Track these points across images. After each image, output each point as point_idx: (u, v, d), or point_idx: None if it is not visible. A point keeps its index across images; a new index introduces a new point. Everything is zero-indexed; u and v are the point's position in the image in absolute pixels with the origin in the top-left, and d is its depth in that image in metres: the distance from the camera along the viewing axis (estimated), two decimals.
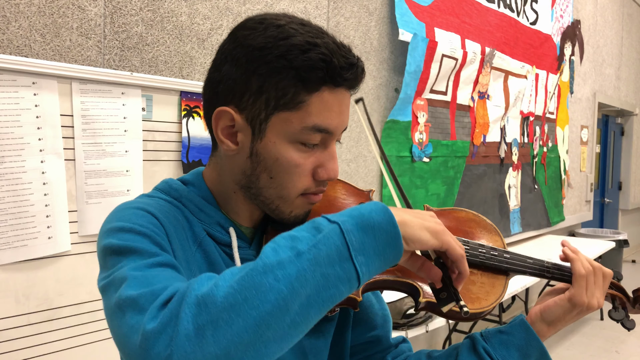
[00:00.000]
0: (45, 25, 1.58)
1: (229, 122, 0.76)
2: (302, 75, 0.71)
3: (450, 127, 3.40)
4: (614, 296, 1.00)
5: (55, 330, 1.53)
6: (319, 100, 0.73)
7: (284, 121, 0.73)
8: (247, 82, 0.73)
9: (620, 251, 5.74)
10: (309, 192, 0.78)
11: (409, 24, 2.95)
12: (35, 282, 1.49)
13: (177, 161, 1.84)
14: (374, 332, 0.96)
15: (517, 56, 4.11)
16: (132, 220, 0.70)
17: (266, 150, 0.75)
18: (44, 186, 1.49)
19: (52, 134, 1.51)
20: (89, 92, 1.59)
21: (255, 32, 0.74)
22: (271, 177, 0.76)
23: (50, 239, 1.51)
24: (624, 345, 4.41)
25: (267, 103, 0.73)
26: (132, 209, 0.73)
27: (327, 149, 0.78)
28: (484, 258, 0.89)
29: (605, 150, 7.51)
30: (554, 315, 0.89)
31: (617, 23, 6.63)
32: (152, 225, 0.71)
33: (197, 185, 0.82)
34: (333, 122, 0.75)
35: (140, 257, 0.66)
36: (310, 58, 0.71)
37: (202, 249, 0.78)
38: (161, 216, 0.73)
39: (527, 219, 4.44)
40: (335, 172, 0.78)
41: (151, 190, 0.83)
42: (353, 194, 0.93)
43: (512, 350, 0.88)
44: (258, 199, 0.79)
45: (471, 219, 0.97)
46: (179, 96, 1.84)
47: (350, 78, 0.74)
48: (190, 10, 1.95)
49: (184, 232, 0.76)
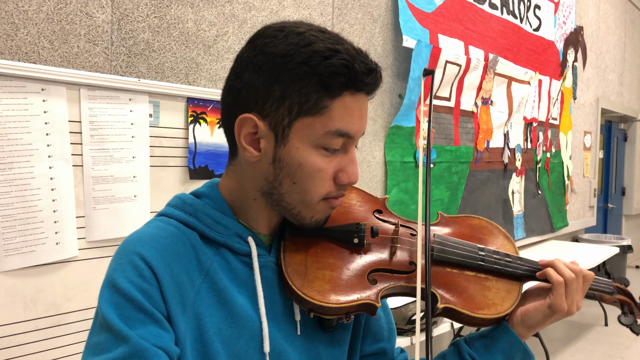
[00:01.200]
0: (53, 31, 1.59)
1: (251, 129, 0.76)
2: (325, 81, 0.72)
3: (454, 133, 3.41)
4: (623, 302, 1.00)
5: (63, 335, 1.54)
6: (341, 105, 0.74)
7: (307, 126, 0.74)
8: (270, 88, 0.74)
9: (624, 257, 5.73)
10: (330, 196, 0.79)
11: (412, 30, 2.96)
12: (43, 288, 1.50)
13: (184, 167, 1.85)
14: (380, 344, 0.97)
15: (521, 62, 4.12)
16: (126, 275, 0.71)
17: (289, 156, 0.75)
18: (52, 192, 1.50)
19: (61, 140, 1.52)
20: (96, 98, 1.60)
21: (276, 39, 0.74)
22: (294, 182, 0.77)
23: (58, 245, 1.51)
24: (629, 351, 4.39)
25: (291, 109, 0.74)
26: (133, 254, 0.73)
27: (348, 153, 0.79)
28: (499, 265, 0.90)
29: (609, 155, 7.50)
30: (533, 320, 0.90)
31: (619, 29, 6.64)
32: (143, 281, 0.71)
33: (213, 198, 0.82)
34: (354, 127, 0.76)
35: (110, 344, 0.68)
36: (332, 64, 0.72)
37: (209, 277, 0.77)
38: (159, 261, 0.73)
39: (530, 225, 4.44)
40: (356, 176, 0.79)
41: (164, 207, 0.83)
42: (368, 201, 0.95)
43: (496, 354, 0.90)
44: (280, 204, 0.80)
45: (484, 226, 0.98)
46: (186, 102, 1.85)
47: (370, 83, 0.75)
48: (196, 17, 1.97)
49: (187, 267, 0.76)
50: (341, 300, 0.78)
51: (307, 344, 0.84)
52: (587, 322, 5.16)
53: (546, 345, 3.86)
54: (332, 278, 0.80)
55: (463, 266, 0.90)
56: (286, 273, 0.80)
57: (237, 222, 0.82)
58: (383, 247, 0.87)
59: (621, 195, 7.78)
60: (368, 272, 0.83)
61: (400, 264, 0.86)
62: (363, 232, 0.84)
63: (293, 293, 0.79)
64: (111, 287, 0.71)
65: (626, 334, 4.79)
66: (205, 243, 0.79)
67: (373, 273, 0.84)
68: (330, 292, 0.79)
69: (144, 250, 0.73)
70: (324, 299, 0.78)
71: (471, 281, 0.89)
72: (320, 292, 0.78)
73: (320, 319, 0.85)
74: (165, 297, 0.72)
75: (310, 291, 0.78)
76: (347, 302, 0.78)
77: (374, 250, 0.86)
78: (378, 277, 0.83)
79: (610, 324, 5.06)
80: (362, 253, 0.85)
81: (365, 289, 0.81)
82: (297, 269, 0.80)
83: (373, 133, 2.87)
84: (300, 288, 0.78)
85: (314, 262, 0.82)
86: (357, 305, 0.79)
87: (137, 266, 0.72)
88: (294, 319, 0.83)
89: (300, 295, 0.78)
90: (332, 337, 0.87)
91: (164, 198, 1.77)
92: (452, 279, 0.88)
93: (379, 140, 2.91)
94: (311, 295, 0.78)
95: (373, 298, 0.80)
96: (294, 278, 0.79)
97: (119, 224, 1.65)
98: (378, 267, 0.84)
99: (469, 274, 0.89)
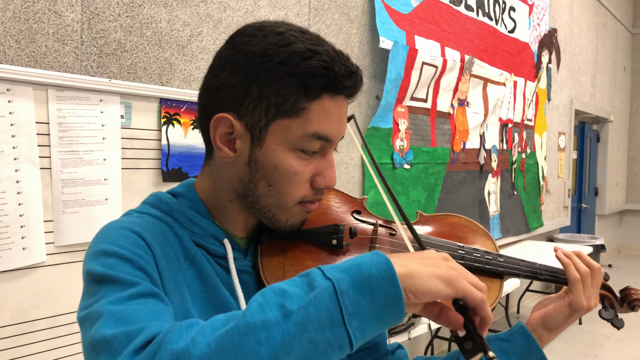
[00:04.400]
0: (20, 31, 1.54)
1: (227, 128, 0.75)
2: (304, 82, 0.71)
3: (430, 134, 3.42)
4: (603, 296, 1.01)
5: (31, 343, 1.49)
6: (320, 107, 0.73)
7: (284, 128, 0.73)
8: (247, 88, 0.72)
9: (597, 256, 5.83)
10: (307, 200, 0.78)
11: (389, 31, 2.96)
12: (9, 295, 1.45)
13: (157, 169, 1.81)
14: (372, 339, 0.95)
15: (496, 64, 4.15)
16: (116, 242, 0.67)
17: (265, 158, 0.74)
18: (19, 195, 1.45)
19: (27, 142, 1.47)
20: (65, 99, 1.56)
21: (255, 38, 0.73)
22: (269, 184, 0.75)
23: (25, 250, 1.47)
24: (602, 349, 4.47)
25: (268, 110, 0.72)
26: (119, 228, 0.70)
27: (326, 156, 0.77)
28: (480, 262, 0.89)
29: (582, 156, 7.63)
30: (555, 322, 0.90)
31: (591, 32, 6.76)
32: (137, 248, 0.68)
33: (189, 197, 0.80)
34: (333, 130, 0.75)
35: (120, 287, 0.62)
36: (311, 65, 0.70)
37: (195, 265, 0.75)
38: (148, 236, 0.70)
39: (506, 225, 4.48)
40: (333, 180, 0.78)
41: (140, 205, 0.80)
42: (347, 202, 0.93)
43: (512, 358, 0.89)
44: (255, 207, 0.78)
45: (463, 224, 0.98)
46: (159, 103, 1.81)
47: (350, 86, 0.74)
48: (170, 17, 1.93)
49: (174, 249, 0.74)
50: None
51: None
52: None
53: None
54: None
55: None
56: (264, 277, 0.78)
57: (214, 223, 0.80)
58: (362, 248, 0.86)
59: (594, 196, 7.92)
60: None
61: None
62: (341, 233, 0.83)
63: None
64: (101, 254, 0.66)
65: (600, 332, 4.87)
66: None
67: None
68: None
69: (132, 225, 0.70)
70: None
71: None
72: None
73: None
74: (160, 270, 0.69)
75: None
76: None
77: (353, 251, 0.85)
78: None
79: (584, 322, 5.13)
80: (341, 254, 0.84)
81: None
82: (275, 273, 0.78)
83: (350, 134, 2.86)
84: None
85: (292, 265, 0.80)
86: None
87: (128, 236, 0.68)
88: None
89: None
90: None
91: (137, 201, 1.74)
92: None
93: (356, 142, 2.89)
94: None
95: None
96: (272, 282, 0.77)
97: (89, 228, 1.61)
98: None
99: None
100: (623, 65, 8.34)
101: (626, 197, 8.90)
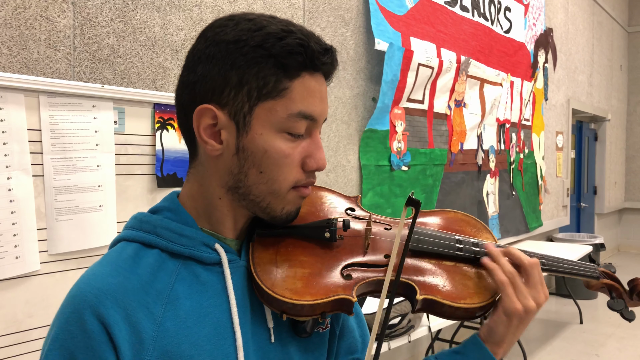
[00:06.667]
0: (11, 37, 1.53)
1: (210, 120, 0.73)
2: (282, 61, 0.71)
3: (427, 136, 3.41)
4: (611, 287, 0.98)
5: (25, 353, 1.47)
6: (301, 85, 0.73)
7: (268, 111, 0.72)
8: (226, 76, 0.71)
9: (597, 255, 5.81)
10: (300, 184, 0.76)
11: (384, 33, 2.95)
12: (3, 304, 1.43)
13: (152, 175, 1.80)
14: (354, 356, 0.94)
15: (492, 64, 4.15)
16: (65, 345, 0.67)
17: (253, 144, 0.73)
18: (11, 204, 1.44)
19: (19, 149, 1.46)
20: (58, 105, 1.54)
21: (226, 28, 0.73)
22: (261, 171, 0.74)
23: (18, 259, 1.45)
24: (604, 348, 4.45)
25: (250, 95, 0.71)
26: (70, 313, 0.68)
27: (312, 138, 0.77)
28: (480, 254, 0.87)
29: (580, 155, 7.63)
30: (498, 335, 0.82)
31: (587, 31, 6.76)
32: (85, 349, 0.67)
33: (173, 209, 0.79)
34: (317, 108, 0.75)
35: None
36: (288, 44, 0.71)
37: (172, 305, 0.72)
38: (112, 306, 0.68)
39: (505, 225, 4.47)
40: (323, 161, 0.77)
41: (122, 231, 0.78)
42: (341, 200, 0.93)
43: None
44: (248, 198, 0.76)
45: (460, 218, 0.96)
46: (153, 108, 1.80)
47: (327, 62, 0.74)
48: (163, 21, 1.92)
49: (146, 298, 0.71)
50: (314, 298, 0.74)
51: (281, 352, 0.80)
52: (563, 321, 5.21)
53: (523, 345, 3.89)
54: (304, 275, 0.77)
55: (441, 256, 0.86)
56: (255, 273, 0.76)
57: (201, 230, 0.78)
58: (356, 242, 0.84)
59: (593, 194, 7.92)
60: (342, 268, 0.80)
61: (375, 257, 0.83)
62: (334, 226, 0.81)
63: (263, 294, 0.75)
64: (49, 348, 0.68)
65: (601, 331, 4.85)
66: (170, 258, 0.75)
67: (347, 268, 0.80)
68: (303, 290, 0.75)
69: (95, 299, 0.68)
70: (296, 297, 0.74)
71: (450, 271, 0.85)
72: (292, 290, 0.74)
73: (294, 322, 0.81)
74: (117, 345, 0.67)
75: (282, 290, 0.74)
76: (320, 299, 0.74)
77: (347, 245, 0.83)
78: (352, 272, 0.80)
79: (585, 321, 5.12)
80: (335, 249, 0.82)
81: (340, 284, 0.77)
82: (267, 269, 0.77)
83: (347, 137, 2.85)
84: (270, 287, 0.74)
85: (284, 261, 0.78)
86: (332, 302, 0.75)
87: (80, 333, 0.67)
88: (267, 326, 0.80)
89: (271, 295, 0.74)
90: (308, 344, 0.84)
91: (131, 207, 1.72)
92: (430, 270, 0.85)
93: (353, 144, 2.89)
94: (282, 294, 0.74)
95: (348, 293, 0.76)
96: (264, 278, 0.75)
97: (83, 235, 1.59)
98: (352, 261, 0.81)
99: (448, 264, 0.86)
100: (619, 63, 8.35)
101: (625, 196, 8.90)
